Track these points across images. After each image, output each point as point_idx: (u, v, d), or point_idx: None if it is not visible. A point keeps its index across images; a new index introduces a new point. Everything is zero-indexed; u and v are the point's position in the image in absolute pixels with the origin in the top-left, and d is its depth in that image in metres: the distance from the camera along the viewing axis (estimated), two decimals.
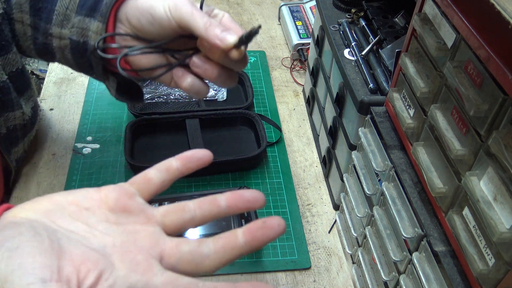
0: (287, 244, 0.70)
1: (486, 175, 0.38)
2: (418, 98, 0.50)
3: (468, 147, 0.41)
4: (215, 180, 0.78)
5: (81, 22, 0.55)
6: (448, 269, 0.43)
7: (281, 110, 0.93)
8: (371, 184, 0.58)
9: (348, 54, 0.70)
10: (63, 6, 0.56)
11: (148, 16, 0.51)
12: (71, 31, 0.56)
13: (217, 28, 0.48)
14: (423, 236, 0.46)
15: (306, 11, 1.09)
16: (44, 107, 0.89)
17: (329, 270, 0.69)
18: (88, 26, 0.54)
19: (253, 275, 0.67)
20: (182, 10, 0.49)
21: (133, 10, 0.52)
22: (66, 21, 0.56)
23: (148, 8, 0.51)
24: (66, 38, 0.56)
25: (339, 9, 0.79)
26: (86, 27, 0.55)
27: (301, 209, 0.76)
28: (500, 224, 0.35)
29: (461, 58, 0.42)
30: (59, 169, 0.78)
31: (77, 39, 0.56)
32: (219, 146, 0.83)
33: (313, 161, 0.84)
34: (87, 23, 0.55)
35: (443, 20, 0.44)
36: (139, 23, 0.52)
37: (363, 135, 0.60)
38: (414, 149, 0.49)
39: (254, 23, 1.17)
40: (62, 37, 0.57)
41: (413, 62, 0.51)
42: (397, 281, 0.52)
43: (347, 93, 0.67)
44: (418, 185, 0.50)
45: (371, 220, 0.59)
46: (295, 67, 1.03)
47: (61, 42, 0.57)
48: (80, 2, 0.56)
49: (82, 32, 0.55)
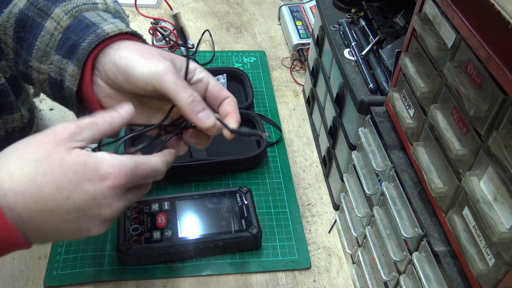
0: (287, 244, 0.70)
1: (486, 175, 0.38)
2: (418, 98, 0.50)
3: (468, 147, 0.41)
4: (215, 180, 0.78)
5: (59, 62, 0.54)
6: (448, 269, 0.43)
7: (281, 110, 0.93)
8: (371, 184, 0.58)
9: (348, 54, 0.70)
10: (44, 43, 0.55)
11: (125, 76, 0.50)
12: (49, 68, 0.55)
13: (198, 106, 0.48)
14: (423, 236, 0.47)
15: (306, 11, 1.09)
16: (44, 107, 0.89)
17: (329, 270, 0.69)
18: (65, 67, 0.53)
19: (253, 275, 0.67)
20: (166, 83, 0.48)
21: (109, 64, 0.51)
22: (45, 58, 0.55)
23: (125, 67, 0.49)
24: (45, 73, 0.56)
25: (339, 9, 0.79)
26: (63, 68, 0.54)
27: (301, 209, 0.76)
28: (500, 224, 0.35)
29: (461, 58, 0.42)
30: None
31: (55, 76, 0.55)
32: (219, 146, 0.83)
33: (313, 161, 0.84)
34: (65, 64, 0.53)
35: (443, 20, 0.44)
36: (116, 78, 0.51)
37: (363, 135, 0.60)
38: (414, 149, 0.49)
39: (254, 23, 1.17)
40: (41, 72, 0.56)
41: (413, 62, 0.51)
42: (397, 281, 0.52)
43: (347, 93, 0.67)
44: (418, 185, 0.50)
45: (371, 220, 0.59)
46: (295, 67, 1.03)
47: (40, 76, 0.57)
48: (60, 41, 0.54)
49: (60, 72, 0.54)
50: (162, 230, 0.66)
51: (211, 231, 0.67)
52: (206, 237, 0.66)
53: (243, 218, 0.69)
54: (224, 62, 1.03)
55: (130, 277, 0.65)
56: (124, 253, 0.63)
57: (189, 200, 0.71)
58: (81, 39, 0.52)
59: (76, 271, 0.65)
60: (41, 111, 0.88)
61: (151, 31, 1.04)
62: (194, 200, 0.71)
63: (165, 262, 0.66)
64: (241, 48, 1.08)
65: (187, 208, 0.69)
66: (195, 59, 1.01)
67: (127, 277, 0.65)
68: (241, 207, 0.70)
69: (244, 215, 0.69)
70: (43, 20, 0.55)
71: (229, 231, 0.67)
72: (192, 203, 0.70)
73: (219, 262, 0.67)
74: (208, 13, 1.19)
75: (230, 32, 1.13)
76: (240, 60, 1.04)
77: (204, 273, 0.66)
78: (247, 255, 0.68)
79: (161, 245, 0.65)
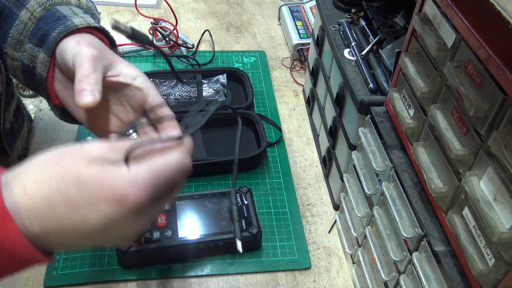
0: (287, 244, 0.70)
1: (486, 175, 0.38)
2: (418, 98, 0.50)
3: (468, 147, 0.41)
4: (215, 180, 0.78)
5: (31, 50, 0.57)
6: (448, 269, 0.43)
7: (281, 110, 0.93)
8: (371, 184, 0.58)
9: (348, 54, 0.70)
10: (18, 31, 0.58)
11: (62, 59, 0.53)
12: (22, 55, 0.58)
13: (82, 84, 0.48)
14: (423, 236, 0.46)
15: (306, 11, 1.09)
16: (44, 107, 0.89)
17: (329, 270, 0.69)
18: (37, 55, 0.56)
19: (253, 275, 0.67)
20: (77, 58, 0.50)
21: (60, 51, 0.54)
22: (19, 46, 0.58)
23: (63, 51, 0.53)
24: (18, 60, 0.59)
25: (339, 9, 0.79)
26: (35, 55, 0.57)
27: (301, 209, 0.76)
28: (500, 224, 0.35)
29: (461, 58, 0.42)
30: None
31: (27, 63, 0.58)
32: (219, 146, 0.83)
33: (313, 161, 0.84)
34: (36, 52, 0.57)
35: (443, 20, 0.44)
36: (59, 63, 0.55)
37: (363, 135, 0.60)
38: (414, 149, 0.49)
39: (254, 23, 1.17)
40: (14, 59, 0.59)
41: (413, 62, 0.51)
42: (397, 281, 0.52)
43: (347, 93, 0.67)
44: (418, 185, 0.50)
45: (371, 220, 0.59)
46: (295, 67, 1.03)
47: (14, 63, 0.60)
48: (32, 30, 0.57)
49: (32, 59, 0.57)
50: (162, 230, 0.66)
51: (211, 231, 0.67)
52: (206, 237, 0.66)
53: (243, 218, 0.69)
54: (224, 62, 1.03)
55: (130, 277, 0.65)
56: (124, 253, 0.63)
57: (189, 200, 0.71)
58: (52, 29, 0.55)
59: (76, 271, 0.65)
60: (41, 111, 0.88)
61: (151, 31, 1.04)
62: (194, 200, 0.71)
63: (165, 262, 0.66)
64: (241, 48, 1.08)
65: (187, 208, 0.69)
66: (195, 59, 1.01)
67: (127, 277, 0.65)
68: (241, 207, 0.70)
69: (244, 215, 0.69)
70: (18, 10, 0.58)
71: (229, 231, 0.67)
72: (192, 203, 0.70)
73: (219, 262, 0.67)
74: (208, 13, 1.19)
75: (230, 32, 1.13)
76: (240, 60, 1.04)
77: (204, 273, 0.66)
78: (247, 255, 0.68)
79: (161, 245, 0.65)
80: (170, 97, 0.90)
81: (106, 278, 0.64)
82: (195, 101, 0.90)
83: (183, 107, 0.88)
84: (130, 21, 1.13)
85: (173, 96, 0.90)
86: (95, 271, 0.65)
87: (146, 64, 1.00)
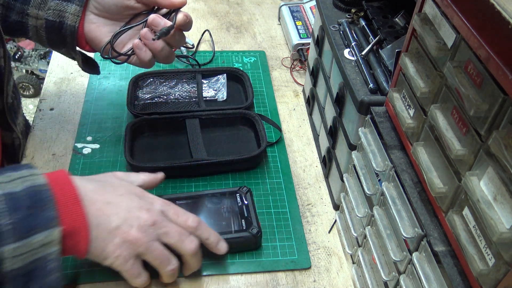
0: (287, 244, 0.70)
1: (486, 175, 0.38)
2: (418, 98, 0.50)
3: (468, 147, 0.41)
4: (215, 180, 0.78)
5: (59, 5, 0.65)
6: (448, 269, 0.43)
7: (281, 110, 0.93)
8: (371, 184, 0.58)
9: (348, 54, 0.70)
10: None
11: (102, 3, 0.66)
12: (47, 13, 0.65)
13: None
14: (423, 236, 0.47)
15: (306, 11, 1.09)
16: (44, 107, 0.89)
17: (329, 270, 0.69)
18: (66, 8, 0.65)
19: (253, 275, 0.67)
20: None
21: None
22: (43, 4, 0.65)
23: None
24: (42, 19, 0.66)
25: (339, 9, 0.79)
26: (63, 9, 0.65)
27: (301, 209, 0.76)
28: (500, 224, 0.35)
29: (461, 58, 0.42)
30: (59, 169, 0.78)
31: (53, 19, 0.66)
32: (219, 146, 0.83)
33: (313, 161, 0.84)
34: (65, 6, 0.65)
35: (443, 20, 0.44)
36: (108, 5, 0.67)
37: (363, 135, 0.60)
38: (414, 149, 0.49)
39: (254, 23, 1.17)
40: (38, 18, 0.66)
41: (413, 62, 0.51)
42: (397, 281, 0.52)
43: (347, 93, 0.67)
44: (418, 185, 0.50)
45: (371, 220, 0.59)
46: (295, 67, 1.03)
47: (37, 22, 0.66)
48: None
49: (59, 14, 0.65)
50: None
51: None
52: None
53: (243, 218, 0.69)
54: (224, 62, 1.03)
55: None
56: None
57: (189, 200, 0.71)
58: None
59: (75, 271, 0.65)
60: (41, 111, 0.88)
61: None
62: (194, 200, 0.71)
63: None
64: (241, 48, 1.08)
65: (187, 208, 0.69)
66: (195, 58, 1.01)
67: None
68: (241, 207, 0.70)
69: (244, 215, 0.69)
70: None
71: (229, 231, 0.67)
72: (192, 203, 0.70)
73: (219, 262, 0.67)
74: (208, 13, 1.19)
75: (230, 32, 1.13)
76: (240, 60, 1.04)
77: (204, 273, 0.66)
78: (247, 255, 0.68)
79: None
80: (170, 97, 0.90)
81: (106, 278, 0.64)
82: (195, 101, 0.90)
83: (183, 107, 0.88)
84: None
85: (173, 96, 0.90)
86: (94, 271, 0.65)
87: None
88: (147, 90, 0.91)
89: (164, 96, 0.90)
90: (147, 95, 0.90)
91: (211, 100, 0.91)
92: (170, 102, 0.89)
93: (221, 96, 0.92)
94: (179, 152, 0.81)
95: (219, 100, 0.92)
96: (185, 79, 0.94)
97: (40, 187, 0.51)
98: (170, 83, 0.92)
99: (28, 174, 0.52)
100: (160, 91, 0.91)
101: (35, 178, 0.52)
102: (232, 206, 0.70)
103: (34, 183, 0.51)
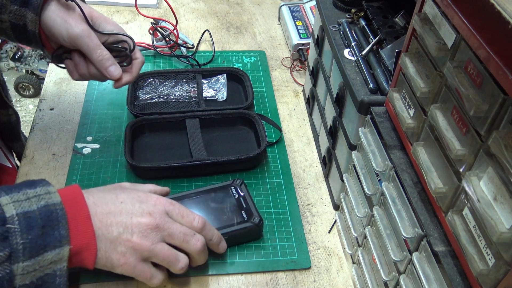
0: (287, 244, 0.70)
1: (486, 175, 0.38)
2: (418, 98, 0.50)
3: (468, 147, 0.41)
4: (215, 180, 0.78)
5: (18, 11, 0.66)
6: (448, 269, 0.43)
7: (281, 110, 0.93)
8: (371, 184, 0.58)
9: (348, 54, 0.70)
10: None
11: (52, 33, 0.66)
12: (9, 16, 0.66)
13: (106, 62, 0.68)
14: (423, 236, 0.47)
15: (306, 11, 1.09)
16: (44, 107, 0.89)
17: (329, 270, 0.69)
18: (25, 14, 0.66)
19: (253, 275, 0.67)
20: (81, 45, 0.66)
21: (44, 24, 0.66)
22: (3, 9, 0.66)
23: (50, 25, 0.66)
24: (6, 21, 0.67)
25: (339, 9, 0.79)
26: (23, 15, 0.66)
27: (301, 209, 0.76)
28: (500, 224, 0.35)
29: (461, 58, 0.42)
30: (59, 169, 0.78)
31: (16, 22, 0.67)
32: (219, 146, 0.83)
33: (313, 161, 0.84)
34: (23, 12, 0.66)
35: (443, 20, 0.44)
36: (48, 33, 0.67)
37: (363, 135, 0.60)
38: (414, 149, 0.49)
39: (254, 23, 1.17)
40: (3, 21, 0.67)
41: (413, 62, 0.51)
42: (397, 281, 0.52)
43: (347, 93, 0.67)
44: (418, 185, 0.50)
45: (371, 220, 0.59)
46: (295, 67, 1.03)
47: (2, 24, 0.68)
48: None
49: (21, 18, 0.66)
50: None
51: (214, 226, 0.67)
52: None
53: (242, 209, 0.69)
54: (224, 62, 1.03)
55: (130, 277, 0.65)
56: None
57: (186, 200, 0.71)
58: None
59: (75, 271, 0.65)
60: (41, 111, 0.88)
61: (151, 31, 1.03)
62: (193, 196, 0.71)
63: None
64: (241, 48, 1.08)
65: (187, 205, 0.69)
66: (195, 58, 1.01)
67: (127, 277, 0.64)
68: (238, 199, 0.70)
69: (243, 207, 0.69)
70: None
71: (232, 224, 0.67)
72: (190, 202, 0.70)
73: (219, 262, 0.67)
74: (208, 13, 1.19)
75: (230, 32, 1.13)
76: (240, 60, 1.04)
77: (204, 273, 0.66)
78: (247, 255, 0.68)
79: None
80: (170, 97, 0.90)
81: (106, 278, 0.64)
82: (195, 101, 0.90)
83: (183, 107, 0.88)
84: (130, 21, 1.13)
85: (173, 96, 0.90)
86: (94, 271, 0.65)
87: (146, 64, 1.00)
88: (147, 90, 0.91)
89: (164, 96, 0.90)
90: (147, 95, 0.90)
91: (211, 100, 0.91)
92: (170, 102, 0.89)
93: (221, 96, 0.92)
94: (179, 152, 0.81)
95: (219, 100, 0.92)
96: (185, 79, 0.94)
97: (55, 206, 0.53)
98: (170, 83, 0.92)
99: (43, 192, 0.53)
100: (160, 91, 0.91)
101: (49, 197, 0.53)
102: (229, 199, 0.71)
103: (48, 202, 0.53)
